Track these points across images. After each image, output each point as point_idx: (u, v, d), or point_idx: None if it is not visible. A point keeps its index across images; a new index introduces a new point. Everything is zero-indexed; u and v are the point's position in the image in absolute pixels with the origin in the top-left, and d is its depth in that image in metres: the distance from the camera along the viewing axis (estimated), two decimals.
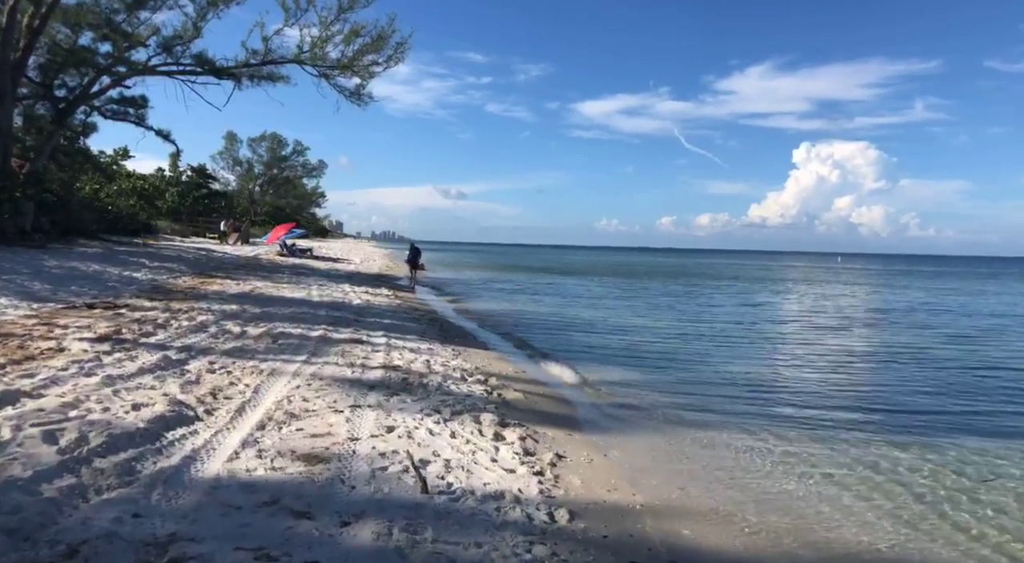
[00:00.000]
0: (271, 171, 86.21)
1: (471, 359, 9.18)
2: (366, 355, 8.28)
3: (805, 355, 11.90)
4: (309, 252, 37.40)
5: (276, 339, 8.87)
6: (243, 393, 5.83)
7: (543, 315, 16.28)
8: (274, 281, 18.74)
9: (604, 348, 11.41)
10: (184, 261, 22.23)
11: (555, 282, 32.28)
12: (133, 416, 4.60)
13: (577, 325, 14.55)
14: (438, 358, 8.70)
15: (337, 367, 7.33)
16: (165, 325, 9.00)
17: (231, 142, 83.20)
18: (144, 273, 16.25)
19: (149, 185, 44.71)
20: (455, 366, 8.29)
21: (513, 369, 8.82)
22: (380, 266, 36.62)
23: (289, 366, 7.19)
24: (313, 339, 9.16)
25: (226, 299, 12.93)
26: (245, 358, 7.43)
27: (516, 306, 18.23)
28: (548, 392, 7.56)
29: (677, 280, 38.09)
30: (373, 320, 12.10)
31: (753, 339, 13.84)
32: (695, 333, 14.16)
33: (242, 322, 10.03)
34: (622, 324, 15.27)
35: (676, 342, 12.73)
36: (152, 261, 19.90)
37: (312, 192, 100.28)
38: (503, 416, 5.89)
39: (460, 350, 9.90)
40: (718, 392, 8.15)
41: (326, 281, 20.75)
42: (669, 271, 52.20)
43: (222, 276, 18.53)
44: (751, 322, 17.17)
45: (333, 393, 6.05)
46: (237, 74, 25.23)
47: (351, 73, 26.94)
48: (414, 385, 6.73)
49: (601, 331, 13.91)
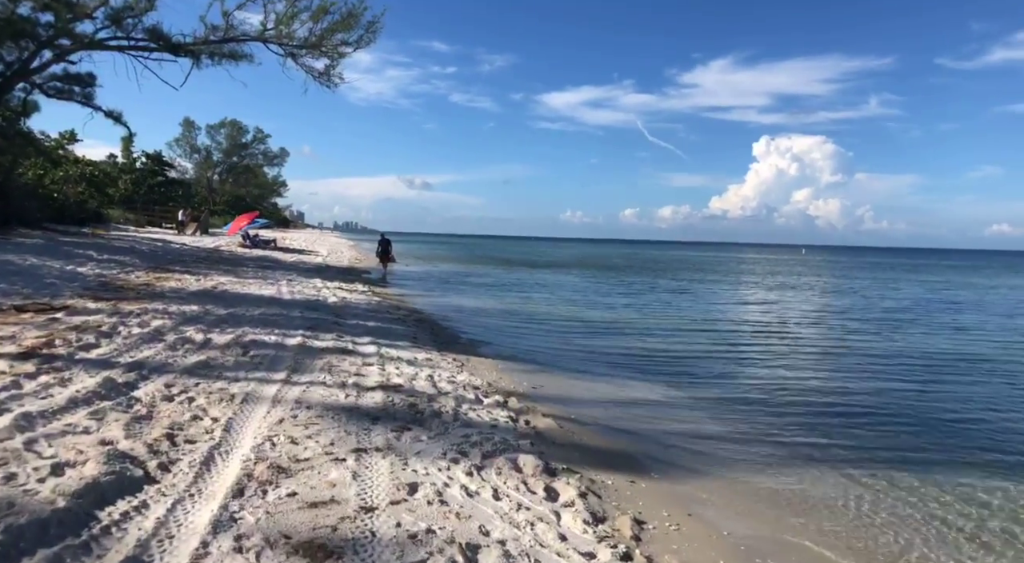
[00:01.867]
0: (231, 159, 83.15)
1: (477, 372, 7.92)
2: (357, 370, 6.94)
3: (851, 362, 10.62)
4: (273, 243, 35.46)
5: (247, 349, 7.46)
6: (210, 432, 4.47)
7: (537, 314, 15.05)
8: (238, 276, 17.11)
9: (614, 354, 10.23)
10: (138, 253, 20.35)
11: (535, 276, 31.07)
12: (51, 487, 3.21)
13: (576, 327, 13.31)
14: (441, 372, 7.41)
15: (326, 388, 5.98)
16: (111, 333, 7.50)
17: (188, 129, 79.92)
18: (91, 267, 14.48)
19: (100, 171, 41.96)
20: (463, 382, 7.01)
21: (528, 384, 7.58)
22: (349, 258, 34.91)
23: (267, 388, 5.82)
24: (291, 349, 7.77)
25: (185, 298, 11.38)
26: (211, 377, 6.03)
27: (504, 304, 16.96)
28: (580, 416, 6.35)
29: (662, 274, 37.21)
30: (355, 322, 10.72)
31: (785, 343, 12.51)
32: (715, 336, 12.93)
33: (205, 327, 8.56)
34: (621, 323, 14.11)
35: (695, 346, 11.57)
36: (101, 253, 18.03)
37: (273, 181, 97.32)
38: (545, 458, 4.66)
39: (461, 360, 8.62)
40: (777, 412, 7.00)
41: (295, 275, 19.17)
42: (646, 264, 51.44)
43: (180, 270, 16.83)
44: (775, 321, 15.83)
45: (327, 429, 4.73)
46: (195, 51, 23.26)
47: (319, 53, 25.24)
48: (425, 414, 5.44)
49: (603, 332, 12.74)
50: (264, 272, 19.27)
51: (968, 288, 31.72)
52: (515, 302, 17.45)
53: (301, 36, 24.42)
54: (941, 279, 39.41)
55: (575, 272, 35.62)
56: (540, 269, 37.67)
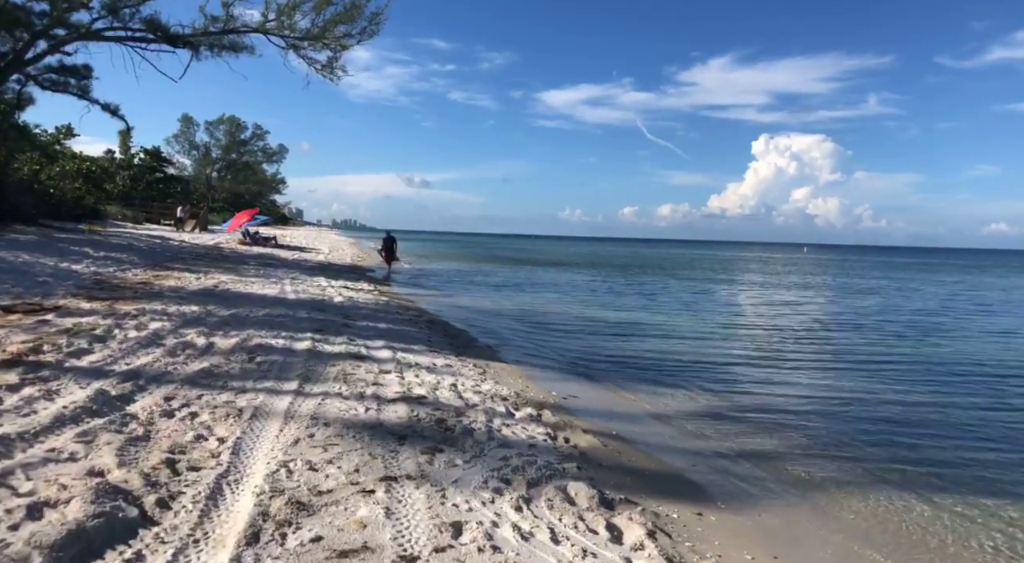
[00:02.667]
0: (229, 156, 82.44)
1: (502, 380, 7.34)
2: (375, 378, 6.36)
3: (902, 369, 9.73)
4: (273, 240, 34.86)
5: (253, 355, 6.88)
6: (216, 456, 3.89)
7: (552, 316, 14.43)
8: (240, 274, 16.52)
9: (642, 359, 9.62)
10: (135, 250, 19.75)
11: (542, 275, 30.45)
12: (26, 536, 2.63)
13: (596, 329, 12.67)
14: (464, 380, 6.83)
15: (343, 401, 5.40)
16: (106, 337, 6.91)
17: (187, 125, 79.18)
18: (86, 265, 13.89)
19: (97, 167, 41.23)
20: (489, 392, 6.43)
21: (557, 394, 7.00)
22: (351, 256, 34.30)
23: (277, 400, 5.24)
24: (300, 354, 7.19)
25: (185, 298, 10.80)
26: (215, 388, 5.45)
27: (516, 304, 16.36)
28: (622, 431, 5.77)
29: (672, 273, 36.48)
30: (365, 324, 10.14)
31: (825, 348, 11.63)
32: (747, 340, 12.16)
33: (207, 330, 7.98)
34: (643, 326, 13.45)
35: (730, 351, 10.87)
36: (97, 250, 17.43)
37: (272, 178, 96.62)
38: (598, 485, 4.08)
39: (482, 365, 8.04)
40: (836, 426, 6.32)
41: (298, 274, 18.58)
42: (652, 263, 50.77)
43: (180, 268, 16.23)
44: (806, 325, 14.86)
45: (350, 451, 4.15)
46: (195, 42, 22.64)
47: (322, 45, 24.64)
48: (456, 431, 4.86)
49: (625, 335, 12.12)
50: (266, 270, 18.68)
51: (987, 288, 31.02)
52: (527, 302, 16.85)
53: (303, 28, 23.85)
54: (955, 279, 38.70)
55: (582, 271, 35.00)
56: (546, 267, 37.07)
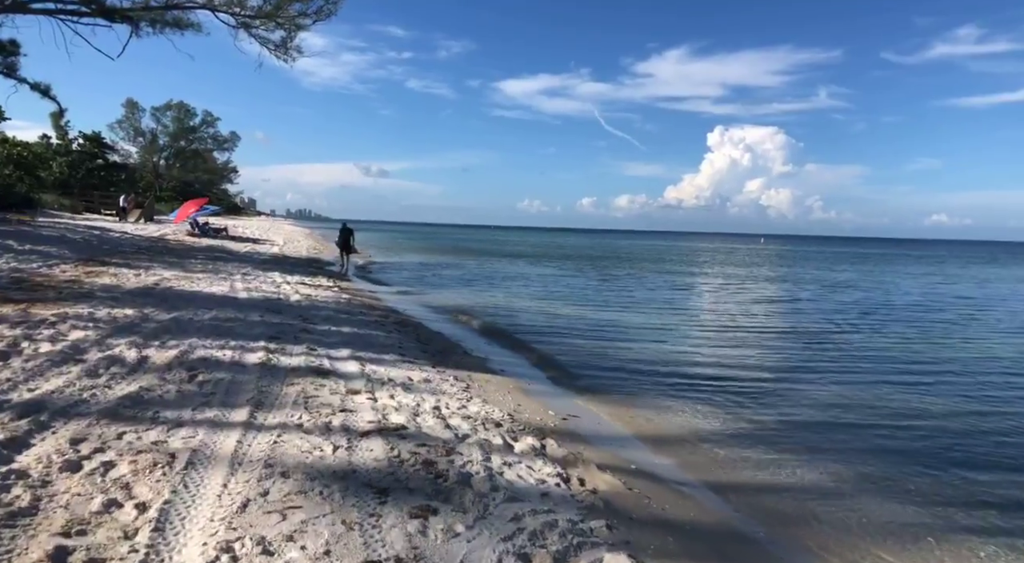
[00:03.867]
0: (178, 143, 78.71)
1: (489, 396, 6.38)
2: (342, 402, 5.32)
3: (934, 373, 8.96)
4: (224, 232, 33.00)
5: (194, 372, 5.75)
6: (131, 536, 2.83)
7: (530, 314, 13.50)
8: (186, 269, 15.08)
9: (638, 364, 8.72)
10: (68, 243, 18.00)
11: (511, 268, 29.50)
12: None
13: (581, 329, 11.72)
14: (447, 400, 5.84)
15: (305, 436, 4.36)
16: (8, 353, 5.68)
17: (132, 110, 75.10)
18: (5, 260, 12.34)
19: (30, 153, 38.40)
20: (479, 416, 5.47)
21: (555, 413, 6.07)
22: (307, 248, 32.70)
23: (222, 438, 4.18)
24: (252, 369, 6.08)
25: (119, 298, 9.48)
26: (143, 422, 4.35)
27: (488, 301, 15.38)
28: (641, 463, 4.89)
29: (641, 265, 35.86)
30: (327, 328, 9.03)
31: (835, 349, 10.70)
32: (748, 342, 11.35)
33: (141, 340, 6.79)
34: (630, 326, 12.52)
35: (732, 354, 10.06)
36: (22, 242, 15.73)
37: (223, 167, 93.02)
38: (640, 555, 3.18)
39: (464, 378, 7.07)
40: (894, 448, 5.56)
41: (250, 268, 17.20)
42: (619, 255, 50.18)
43: (117, 263, 14.71)
44: (805, 323, 13.92)
45: (317, 519, 3.14)
46: (134, 17, 20.81)
47: (275, 24, 23.06)
48: (450, 478, 3.88)
49: (613, 336, 11.22)
50: (215, 265, 17.24)
51: (960, 280, 31.02)
52: (501, 300, 15.87)
53: (254, 5, 22.20)
54: (922, 271, 38.85)
55: (551, 264, 34.17)
56: (512, 260, 36.14)
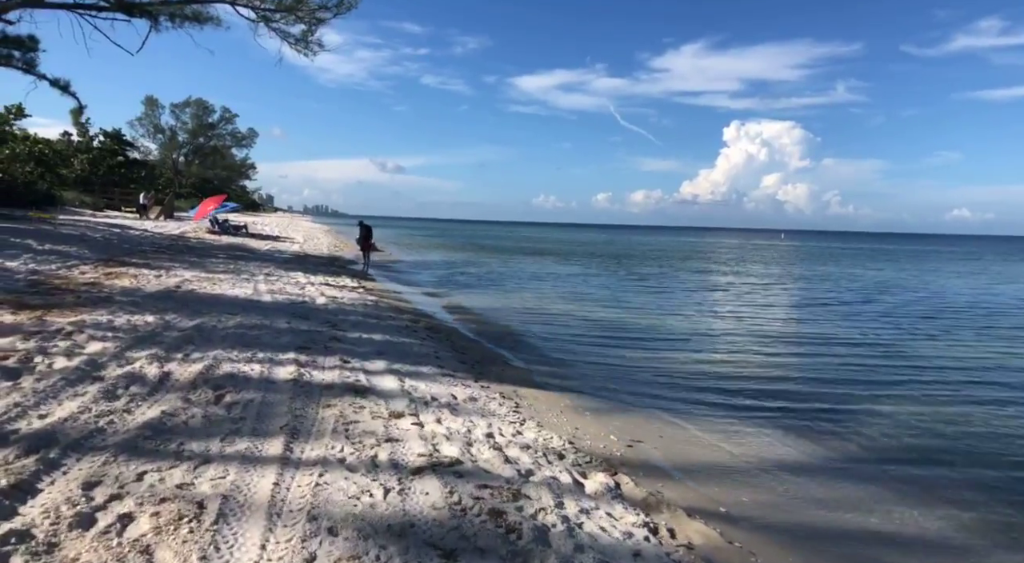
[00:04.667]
0: (197, 140, 78.92)
1: (543, 418, 5.78)
2: (386, 428, 4.75)
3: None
4: (244, 229, 32.70)
5: (221, 391, 5.21)
6: None
7: (564, 318, 12.80)
8: (207, 270, 14.65)
9: (691, 377, 8.05)
10: (88, 242, 17.67)
11: (532, 265, 28.82)
12: None
13: (621, 335, 10.94)
14: (499, 424, 5.25)
15: (350, 476, 3.79)
16: (20, 369, 5.18)
17: (151, 107, 75.43)
18: (23, 261, 11.94)
19: (51, 150, 38.39)
20: (538, 444, 4.87)
21: (619, 439, 5.45)
22: (328, 246, 32.32)
23: (255, 477, 3.61)
24: (283, 387, 5.53)
25: (140, 303, 9.00)
26: (165, 458, 3.80)
27: (518, 303, 14.74)
28: (731, 505, 4.26)
29: (667, 264, 34.83)
30: (358, 335, 8.47)
31: (910, 361, 9.79)
32: (807, 350, 10.33)
33: (162, 352, 6.27)
34: (673, 330, 11.70)
35: (791, 364, 9.24)
36: (42, 242, 15.38)
37: (241, 163, 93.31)
38: None
39: (510, 394, 6.48)
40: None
41: (272, 268, 16.74)
42: (641, 252, 49.22)
43: (138, 263, 14.31)
44: (864, 329, 12.84)
45: None
46: (153, 11, 20.43)
47: (295, 18, 22.62)
48: (523, 535, 3.27)
49: (656, 342, 10.47)
50: (237, 264, 16.81)
51: (1010, 279, 29.60)
52: (532, 301, 15.23)
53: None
54: (967, 270, 37.19)
55: (577, 262, 33.44)
56: (535, 258, 35.48)
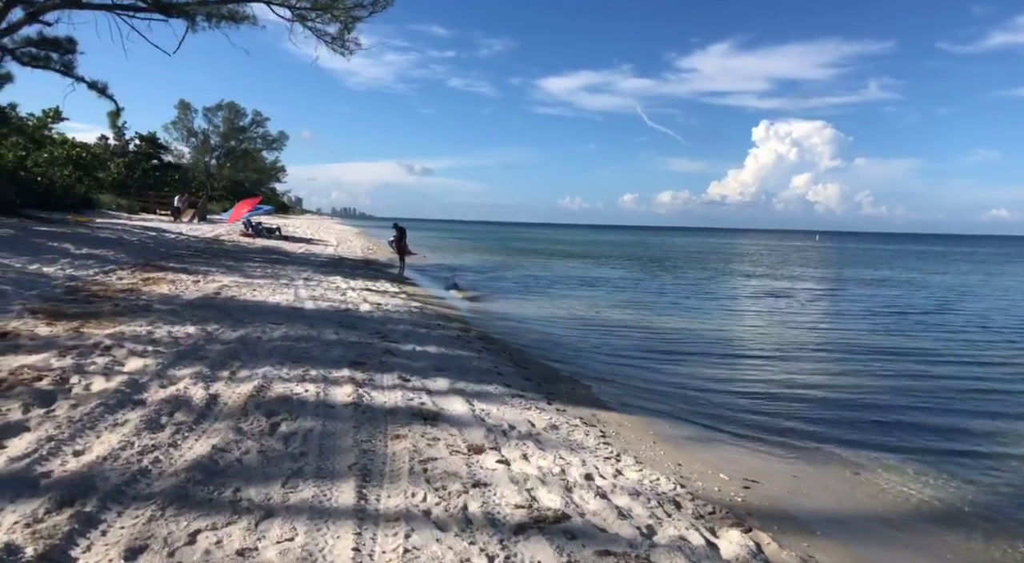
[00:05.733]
0: (228, 143, 79.64)
1: (638, 450, 5.05)
2: (469, 468, 4.07)
3: None
4: (277, 232, 32.50)
5: (275, 418, 4.59)
6: None
7: (618, 326, 12.02)
8: (245, 274, 14.19)
9: (788, 398, 7.24)
10: (125, 246, 17.41)
11: (570, 269, 28.00)
12: None
13: (686, 346, 10.00)
14: (594, 461, 4.53)
15: (442, 537, 3.11)
16: (55, 393, 4.62)
17: (184, 111, 76.28)
18: (60, 266, 11.57)
19: (89, 154, 38.75)
20: (643, 486, 4.15)
21: (729, 478, 4.70)
22: (361, 249, 31.92)
23: (329, 540, 2.95)
24: (343, 413, 4.89)
25: (180, 312, 8.48)
26: (219, 511, 3.16)
27: (566, 310, 13.97)
28: None
29: (710, 266, 33.66)
30: (411, 348, 7.82)
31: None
32: (919, 369, 9.21)
33: (207, 370, 5.68)
34: (749, 343, 10.66)
35: (905, 393, 7.87)
36: (80, 246, 15.11)
37: (272, 166, 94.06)
38: None
39: (590, 418, 5.76)
40: None
41: (310, 272, 16.26)
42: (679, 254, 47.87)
43: (175, 268, 13.91)
44: (975, 341, 11.63)
45: None
46: (190, 11, 20.17)
47: (330, 17, 22.25)
48: None
49: (735, 359, 9.53)
50: (274, 268, 16.36)
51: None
52: (581, 308, 14.45)
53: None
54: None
55: (616, 264, 32.55)
56: (570, 260, 34.69)
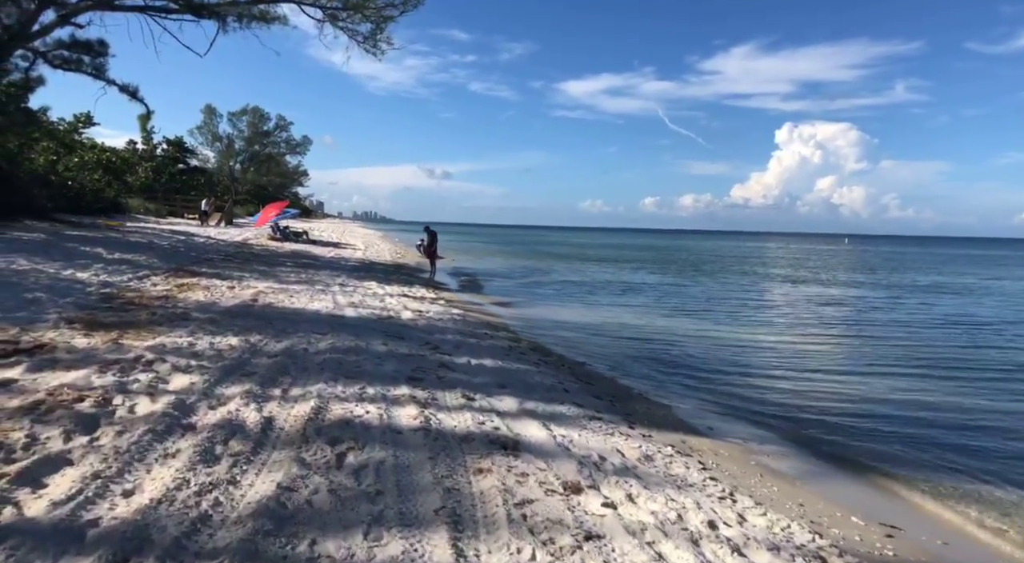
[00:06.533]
0: (252, 147, 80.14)
1: (750, 486, 4.44)
2: (573, 514, 3.49)
3: None
4: (304, 235, 32.30)
5: (339, 447, 4.06)
6: None
7: (668, 335, 11.40)
8: (279, 279, 13.78)
9: (891, 419, 6.55)
10: (156, 250, 17.14)
11: (604, 273, 27.27)
12: None
13: (755, 359, 9.20)
14: (706, 501, 3.94)
15: None
16: (98, 417, 4.14)
17: (210, 116, 76.87)
18: (95, 272, 11.22)
19: (118, 158, 38.94)
20: (776, 537, 3.55)
21: (871, 527, 4.07)
22: (389, 252, 31.56)
23: None
24: (413, 441, 4.34)
25: (219, 320, 8.02)
26: None
27: (610, 318, 13.32)
28: None
29: (750, 268, 32.68)
30: (465, 360, 7.28)
31: None
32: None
33: (257, 388, 5.18)
34: (825, 358, 9.84)
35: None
36: (112, 250, 14.83)
37: (295, 170, 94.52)
38: None
39: (680, 445, 5.18)
40: None
41: (344, 277, 15.82)
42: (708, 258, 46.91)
43: (208, 273, 13.54)
44: None
45: None
46: (221, 12, 19.93)
47: (362, 17, 21.93)
48: None
49: (817, 374, 8.80)
50: (307, 273, 15.95)
51: None
52: (627, 316, 13.79)
53: None
54: None
55: (651, 268, 31.84)
56: (605, 265, 34.00)
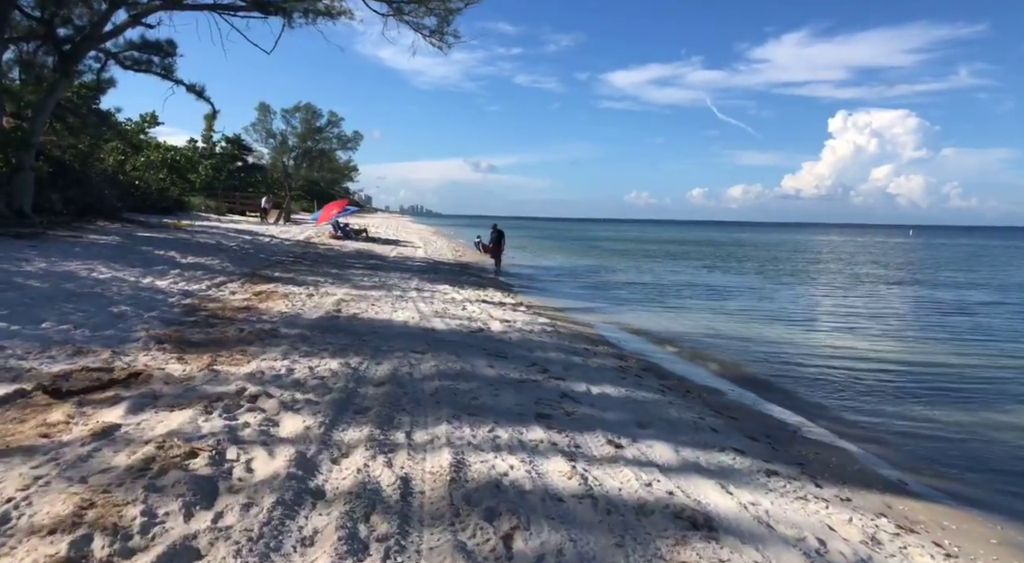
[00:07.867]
0: (305, 143, 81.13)
1: None
2: None
3: None
4: (364, 233, 32.06)
5: (505, 532, 3.27)
6: None
7: (789, 347, 10.34)
8: (354, 284, 13.23)
9: None
10: (226, 252, 16.91)
11: (676, 274, 25.89)
12: None
13: (911, 382, 8.24)
14: None
15: None
16: (215, 480, 3.47)
17: (264, 113, 78.14)
18: (173, 279, 10.84)
19: (181, 156, 39.56)
20: None
21: None
22: (449, 250, 31.00)
23: None
24: (586, 518, 3.52)
25: (310, 338, 7.39)
26: None
27: (703, 324, 12.27)
28: None
29: (833, 266, 30.61)
30: (584, 388, 6.43)
31: None
32: None
33: (379, 433, 4.46)
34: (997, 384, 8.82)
35: None
36: (184, 253, 14.59)
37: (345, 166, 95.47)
38: None
39: (893, 514, 4.22)
40: None
41: (416, 279, 15.21)
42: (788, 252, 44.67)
43: (282, 277, 13.09)
44: None
45: None
46: (287, 8, 19.57)
47: (427, 11, 21.33)
48: None
49: (970, 393, 7.86)
50: (378, 275, 15.40)
51: None
52: (721, 323, 12.62)
53: None
54: None
55: (724, 266, 30.33)
56: (671, 262, 32.66)
